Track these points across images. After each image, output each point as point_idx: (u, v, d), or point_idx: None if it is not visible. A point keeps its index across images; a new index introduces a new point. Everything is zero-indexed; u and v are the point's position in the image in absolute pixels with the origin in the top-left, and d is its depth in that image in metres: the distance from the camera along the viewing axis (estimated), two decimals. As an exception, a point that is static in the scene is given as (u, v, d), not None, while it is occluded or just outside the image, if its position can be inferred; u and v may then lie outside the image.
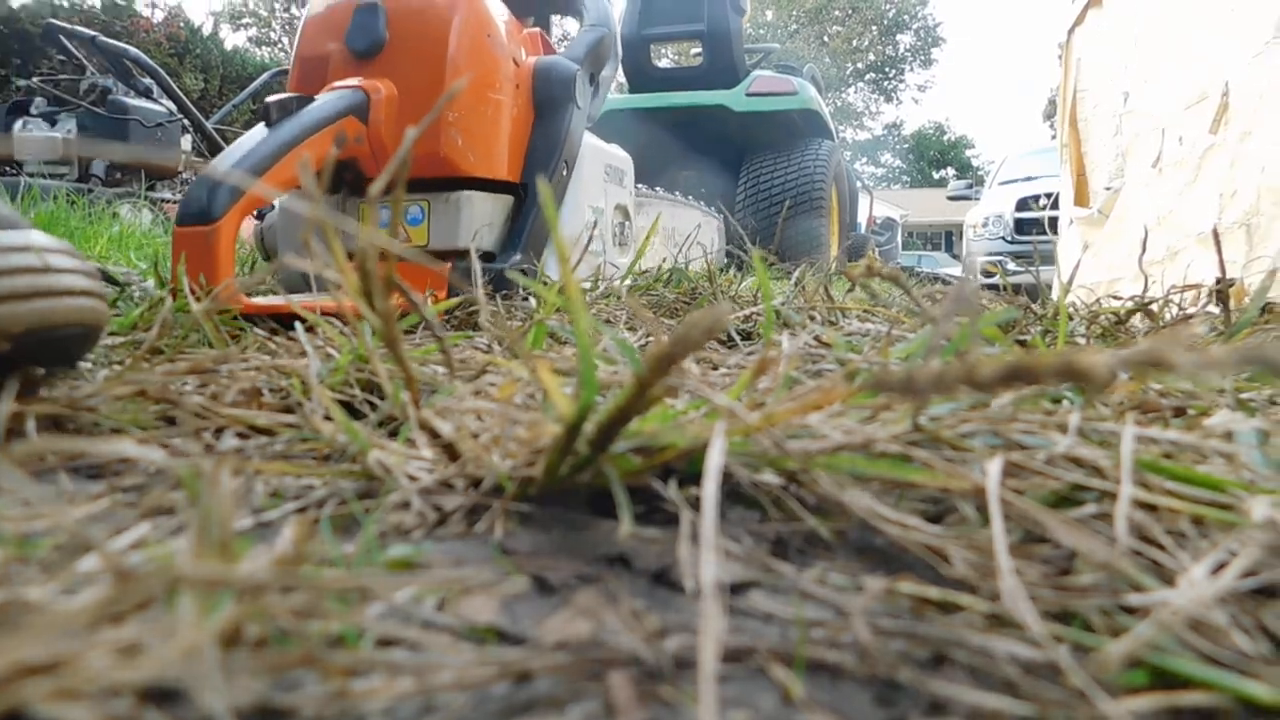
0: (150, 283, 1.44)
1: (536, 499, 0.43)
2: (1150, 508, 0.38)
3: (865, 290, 0.82)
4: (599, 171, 1.82)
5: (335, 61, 1.51)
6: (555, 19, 2.16)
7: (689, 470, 0.41)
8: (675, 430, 0.37)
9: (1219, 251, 1.12)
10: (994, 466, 0.35)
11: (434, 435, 0.43)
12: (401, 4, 1.51)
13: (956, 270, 11.59)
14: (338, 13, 1.53)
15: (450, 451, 0.42)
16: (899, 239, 11.40)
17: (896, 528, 0.37)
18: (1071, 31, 5.20)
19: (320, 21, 1.56)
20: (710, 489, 0.29)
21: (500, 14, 1.58)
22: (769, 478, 0.44)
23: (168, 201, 4.43)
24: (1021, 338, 0.85)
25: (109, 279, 1.34)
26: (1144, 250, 2.17)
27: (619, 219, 1.96)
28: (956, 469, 0.37)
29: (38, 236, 0.61)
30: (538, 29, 1.77)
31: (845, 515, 0.41)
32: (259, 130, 1.31)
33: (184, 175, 4.80)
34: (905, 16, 36.11)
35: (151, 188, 4.54)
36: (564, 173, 1.64)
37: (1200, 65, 2.97)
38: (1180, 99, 3.29)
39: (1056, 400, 0.58)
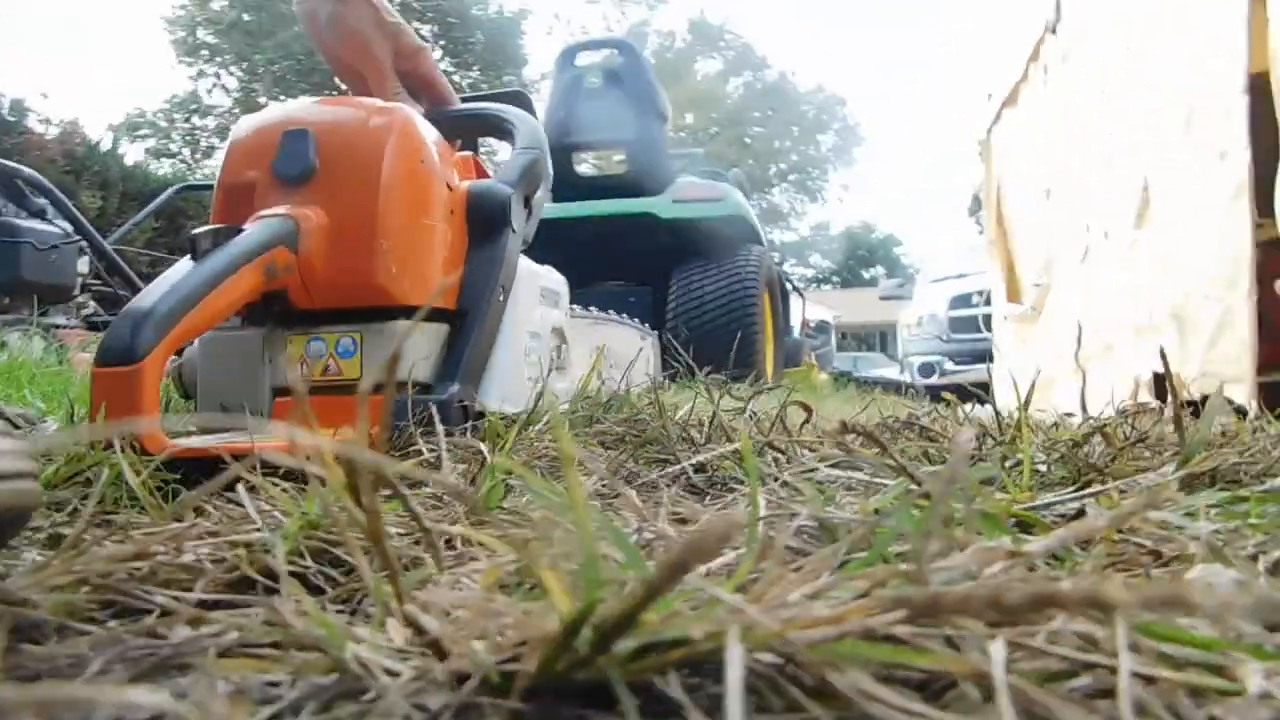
0: (50, 422, 1.40)
1: (529, 694, 0.43)
2: (1147, 679, 0.40)
3: (840, 449, 0.85)
4: (535, 295, 1.86)
5: (261, 188, 1.52)
6: (483, 141, 2.22)
7: (691, 658, 0.42)
8: (683, 625, 0.38)
9: (1165, 362, 1.17)
10: (998, 651, 0.37)
11: (419, 631, 0.43)
12: (332, 129, 1.54)
13: (893, 372, 11.90)
14: (264, 138, 1.55)
15: (438, 649, 0.42)
16: (833, 341, 11.70)
17: (900, 714, 0.39)
18: (990, 130, 5.48)
19: (244, 148, 1.58)
20: (734, 708, 0.30)
21: (431, 137, 1.62)
22: (765, 656, 0.45)
23: (61, 328, 4.33)
24: (986, 473, 0.88)
25: (6, 420, 1.30)
26: (1079, 346, 2.26)
27: (555, 342, 1.99)
28: (957, 655, 0.39)
29: (-32, 415, 0.61)
30: (469, 153, 1.82)
31: (845, 700, 0.42)
32: (184, 263, 1.31)
33: (79, 299, 4.72)
34: (825, 116, 37.94)
35: (44, 313, 4.44)
36: (501, 299, 1.67)
37: (1121, 160, 3.17)
38: (1103, 194, 3.48)
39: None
